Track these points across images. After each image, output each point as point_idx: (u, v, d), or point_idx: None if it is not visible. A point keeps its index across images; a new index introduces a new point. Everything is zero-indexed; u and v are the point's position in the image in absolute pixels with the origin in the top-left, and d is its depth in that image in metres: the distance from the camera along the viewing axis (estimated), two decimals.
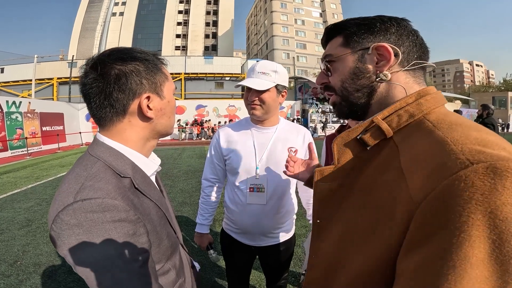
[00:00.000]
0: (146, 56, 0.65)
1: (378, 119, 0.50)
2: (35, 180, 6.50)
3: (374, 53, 0.54)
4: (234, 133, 1.30)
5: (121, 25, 45.18)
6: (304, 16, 51.04)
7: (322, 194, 0.58)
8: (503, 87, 41.89)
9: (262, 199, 1.23)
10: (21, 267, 2.55)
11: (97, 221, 0.51)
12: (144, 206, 0.61)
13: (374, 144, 0.51)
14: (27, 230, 3.45)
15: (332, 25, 0.61)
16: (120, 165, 0.60)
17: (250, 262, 1.41)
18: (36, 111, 13.11)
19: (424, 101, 0.49)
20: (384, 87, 0.54)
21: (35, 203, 4.61)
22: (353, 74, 0.56)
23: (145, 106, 0.63)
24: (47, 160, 10.02)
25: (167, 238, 0.66)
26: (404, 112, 0.49)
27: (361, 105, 0.57)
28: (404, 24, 0.55)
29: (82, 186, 0.53)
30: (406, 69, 0.54)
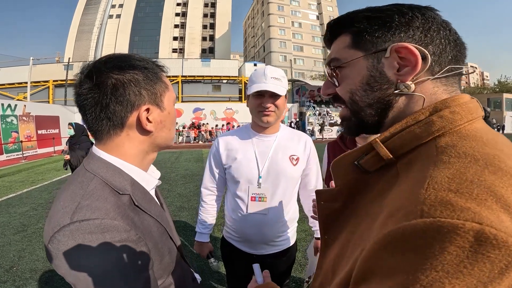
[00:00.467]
0: (146, 64, 0.61)
1: (377, 142, 0.40)
2: (31, 184, 6.42)
3: (393, 57, 0.41)
4: (234, 141, 1.27)
5: (118, 28, 45.11)
6: (301, 18, 51.34)
7: (326, 213, 0.52)
8: (497, 89, 42.34)
9: (264, 208, 1.21)
10: (17, 273, 2.52)
11: (96, 243, 0.48)
12: (145, 223, 0.58)
13: (374, 169, 0.42)
14: (22, 235, 3.40)
15: (335, 19, 0.48)
16: (119, 182, 0.57)
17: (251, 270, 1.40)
18: (32, 114, 13.00)
19: (437, 119, 0.37)
20: (403, 100, 0.43)
21: (30, 207, 4.56)
22: (366, 85, 0.44)
23: (145, 118, 0.59)
24: (42, 164, 9.93)
25: (168, 254, 0.64)
26: (406, 133, 0.39)
27: (372, 123, 0.46)
28: (431, 15, 0.42)
29: (78, 206, 0.50)
30: (437, 77, 0.41)
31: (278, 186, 1.21)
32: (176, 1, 48.09)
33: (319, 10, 52.99)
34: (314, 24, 52.41)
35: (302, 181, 1.35)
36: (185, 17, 47.86)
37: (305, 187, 1.37)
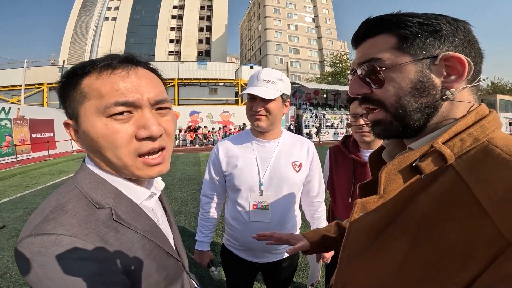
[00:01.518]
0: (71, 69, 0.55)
1: (440, 144, 0.43)
2: (24, 188, 6.33)
3: (441, 65, 0.44)
4: (234, 148, 1.23)
5: (114, 30, 45.00)
6: (297, 21, 51.71)
7: (361, 228, 0.51)
8: (491, 90, 42.93)
9: (266, 216, 1.17)
10: (11, 279, 2.47)
11: (51, 257, 0.45)
12: (122, 240, 0.53)
13: (430, 172, 0.44)
14: (16, 240, 3.33)
15: (378, 18, 0.48)
16: (100, 195, 0.54)
17: (252, 278, 1.37)
18: (26, 117, 12.85)
19: (487, 123, 0.43)
20: (446, 106, 0.45)
21: (24, 212, 4.48)
22: (415, 90, 0.45)
23: (71, 134, 0.56)
24: (36, 168, 9.80)
25: (157, 272, 0.58)
26: (467, 136, 0.42)
27: (417, 128, 0.47)
28: (469, 29, 0.46)
29: (44, 218, 0.48)
30: (473, 85, 0.45)
31: (281, 193, 1.18)
32: (173, 4, 48.18)
33: (315, 12, 53.45)
34: (310, 26, 52.81)
35: (305, 188, 1.31)
36: (182, 20, 47.91)
37: (307, 194, 1.34)
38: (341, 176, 1.45)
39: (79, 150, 16.07)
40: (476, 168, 0.40)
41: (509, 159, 0.39)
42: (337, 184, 1.49)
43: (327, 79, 34.22)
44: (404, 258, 0.43)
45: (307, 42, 51.55)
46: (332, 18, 54.45)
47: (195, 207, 4.54)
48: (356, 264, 0.51)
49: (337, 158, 1.50)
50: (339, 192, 1.48)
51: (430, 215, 0.42)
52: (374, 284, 0.47)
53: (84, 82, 0.52)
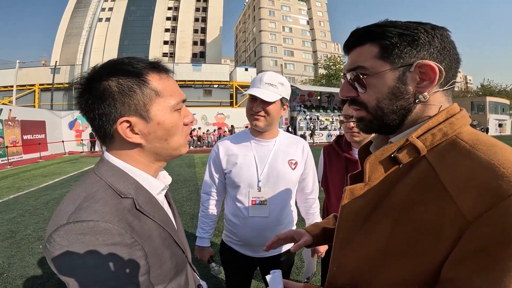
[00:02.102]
0: (129, 68, 0.57)
1: (414, 138, 0.49)
2: (17, 190, 6.26)
3: (416, 71, 0.49)
4: (234, 146, 1.29)
5: (107, 31, 44.56)
6: (292, 23, 52.03)
7: (349, 211, 0.58)
8: (480, 92, 43.82)
9: (264, 211, 1.23)
10: (8, 279, 2.47)
11: (88, 244, 0.49)
12: (144, 228, 0.58)
13: (406, 162, 0.50)
14: (11, 241, 3.33)
15: (364, 29, 0.54)
16: (122, 186, 0.57)
17: (251, 273, 1.41)
18: (17, 118, 12.67)
19: (455, 120, 0.49)
20: (419, 107, 0.52)
21: (18, 214, 4.45)
22: (392, 94, 0.51)
23: (125, 131, 0.57)
24: (28, 170, 9.67)
25: (170, 260, 0.63)
26: (437, 131, 0.49)
27: (394, 126, 0.54)
28: (446, 35, 0.50)
29: (78, 207, 0.51)
30: (444, 89, 0.51)
31: (278, 189, 1.24)
32: (168, 5, 47.98)
33: (309, 15, 53.88)
34: (305, 29, 53.21)
35: (300, 185, 1.38)
36: (176, 21, 47.74)
37: (302, 191, 1.40)
38: (335, 173, 1.51)
39: (71, 152, 15.88)
40: (444, 158, 0.47)
41: (471, 150, 0.45)
42: (331, 181, 1.55)
43: (321, 81, 34.48)
44: (387, 239, 0.49)
45: (302, 44, 51.90)
46: (326, 20, 54.97)
47: (191, 208, 4.57)
48: (348, 248, 0.58)
49: (330, 157, 1.56)
50: (333, 189, 1.54)
51: (408, 199, 0.48)
52: (363, 264, 0.54)
53: (151, 81, 0.58)
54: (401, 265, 0.48)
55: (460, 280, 0.42)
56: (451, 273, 0.43)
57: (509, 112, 39.40)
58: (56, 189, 6.33)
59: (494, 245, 0.39)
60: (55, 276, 2.46)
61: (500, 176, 0.40)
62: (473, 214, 0.41)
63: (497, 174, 0.40)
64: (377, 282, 0.52)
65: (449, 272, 0.43)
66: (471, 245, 0.41)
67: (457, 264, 0.43)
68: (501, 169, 0.41)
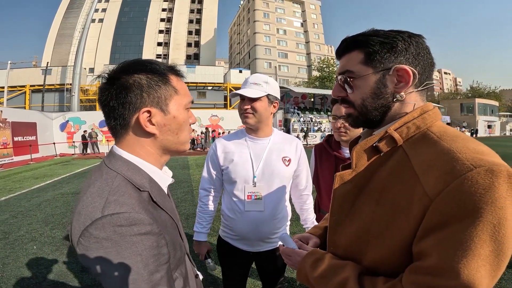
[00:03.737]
0: (155, 67, 0.63)
1: (391, 130, 0.58)
2: (8, 192, 6.19)
3: (394, 74, 0.58)
4: (231, 144, 1.36)
5: (100, 32, 44.12)
6: (286, 26, 52.37)
7: (340, 194, 0.66)
8: (470, 94, 44.64)
9: (260, 206, 1.30)
10: (3, 280, 2.47)
11: (125, 235, 0.51)
12: (162, 218, 0.61)
13: (386, 150, 0.59)
14: (4, 242, 3.32)
15: (352, 38, 0.63)
16: (139, 179, 0.61)
17: (247, 268, 1.46)
18: (8, 120, 12.47)
19: (427, 116, 0.58)
20: (397, 105, 0.60)
21: (10, 215, 4.42)
22: (373, 94, 0.60)
23: (145, 120, 0.61)
24: (19, 172, 9.54)
25: (179, 248, 0.66)
26: (412, 124, 0.58)
27: (376, 121, 0.63)
28: (421, 42, 0.59)
29: (107, 201, 0.53)
30: (418, 90, 0.60)
31: (272, 185, 1.31)
32: (162, 7, 47.81)
33: (303, 17, 54.32)
34: (299, 31, 53.62)
35: (293, 182, 1.45)
36: (170, 23, 47.57)
37: (296, 187, 1.47)
38: (325, 171, 1.59)
39: (62, 154, 15.67)
40: (416, 147, 0.56)
41: (437, 140, 0.53)
42: (322, 178, 1.63)
43: (314, 83, 34.69)
44: (370, 220, 0.58)
45: (295, 47, 52.28)
46: (320, 23, 55.50)
47: (186, 209, 4.61)
48: (340, 229, 0.66)
49: (321, 155, 1.64)
50: (324, 186, 1.62)
51: (387, 182, 0.56)
52: (353, 243, 0.62)
53: (172, 81, 0.66)
54: (380, 244, 0.55)
55: (423, 255, 0.48)
56: (416, 248, 0.50)
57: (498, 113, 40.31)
58: (48, 191, 6.27)
59: (449, 219, 0.46)
60: (50, 276, 2.50)
61: (455, 159, 0.48)
62: (434, 192, 0.47)
63: (453, 158, 0.48)
64: (364, 260, 0.59)
65: (415, 247, 0.50)
66: (432, 220, 0.47)
67: (420, 240, 0.49)
68: (457, 154, 0.48)
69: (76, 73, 21.26)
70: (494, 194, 0.44)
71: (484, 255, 0.44)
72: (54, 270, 2.65)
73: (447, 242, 0.46)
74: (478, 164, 0.46)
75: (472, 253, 0.44)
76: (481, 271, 0.44)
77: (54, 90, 23.23)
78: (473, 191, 0.45)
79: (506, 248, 0.45)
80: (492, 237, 0.44)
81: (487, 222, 0.44)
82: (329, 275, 0.62)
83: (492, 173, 0.45)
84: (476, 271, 0.44)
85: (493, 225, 0.44)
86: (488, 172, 0.45)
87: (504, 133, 38.19)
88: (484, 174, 0.45)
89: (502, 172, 0.45)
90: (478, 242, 0.44)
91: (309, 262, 0.69)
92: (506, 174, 0.45)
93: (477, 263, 0.44)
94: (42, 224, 3.97)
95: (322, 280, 0.63)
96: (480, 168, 0.45)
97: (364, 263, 0.60)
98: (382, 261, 0.56)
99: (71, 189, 6.39)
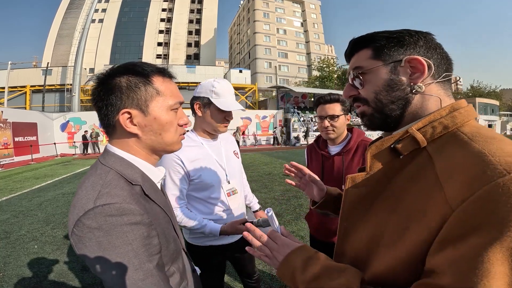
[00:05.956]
0: (138, 69, 0.65)
1: (413, 130, 0.52)
2: (9, 192, 6.24)
3: (406, 66, 0.54)
4: (192, 152, 1.28)
5: (100, 33, 44.16)
6: (286, 25, 52.29)
7: (352, 199, 0.61)
8: (470, 93, 44.51)
9: (238, 199, 1.40)
10: (5, 279, 2.51)
11: (116, 224, 0.53)
12: (153, 211, 0.64)
13: (407, 153, 0.52)
14: (6, 242, 3.36)
15: (358, 37, 0.61)
16: (131, 174, 0.64)
17: (223, 266, 1.46)
18: (9, 120, 12.52)
19: (458, 114, 0.51)
20: (418, 99, 0.55)
21: (11, 215, 4.46)
22: (387, 86, 0.56)
23: (125, 121, 0.63)
24: (20, 172, 9.58)
25: (173, 242, 0.68)
26: (438, 124, 0.51)
27: (395, 117, 0.57)
28: (430, 38, 0.56)
29: (100, 193, 0.56)
30: (438, 81, 0.55)
31: (238, 177, 1.45)
32: (162, 7, 47.83)
33: (303, 17, 54.24)
34: (299, 31, 53.56)
35: None
36: (170, 23, 47.58)
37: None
38: (315, 168, 1.66)
39: (63, 154, 15.73)
40: (442, 149, 0.49)
41: (468, 142, 0.46)
42: None
43: (314, 83, 34.67)
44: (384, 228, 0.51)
45: (296, 46, 52.22)
46: (320, 22, 55.43)
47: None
48: (352, 236, 0.60)
49: (311, 154, 1.72)
50: None
51: (404, 189, 0.50)
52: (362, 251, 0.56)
53: (155, 82, 0.66)
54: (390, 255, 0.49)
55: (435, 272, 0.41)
56: (428, 264, 0.43)
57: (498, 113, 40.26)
58: (49, 191, 6.32)
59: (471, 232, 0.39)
60: (51, 275, 2.53)
61: (486, 163, 0.41)
62: (456, 201, 0.41)
63: (484, 161, 0.41)
64: (368, 271, 0.53)
65: (427, 263, 0.43)
66: (450, 233, 0.41)
67: (434, 255, 0.42)
68: (489, 157, 0.41)
69: (76, 73, 21.31)
70: None
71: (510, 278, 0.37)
72: (55, 269, 2.68)
73: (466, 259, 0.39)
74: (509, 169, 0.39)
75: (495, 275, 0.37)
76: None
77: (54, 90, 23.29)
78: (503, 200, 0.37)
79: None
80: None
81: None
82: (324, 278, 0.53)
83: None
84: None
85: None
86: None
87: (504, 132, 38.14)
88: None
89: None
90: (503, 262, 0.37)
91: (299, 259, 0.58)
92: None
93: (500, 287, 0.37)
94: (43, 224, 4.01)
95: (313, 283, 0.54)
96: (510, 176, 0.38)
97: (367, 273, 0.53)
98: (387, 273, 0.50)
99: (72, 189, 6.42)
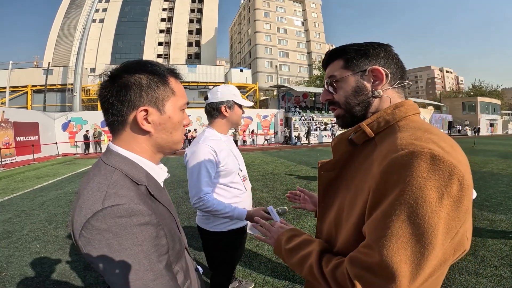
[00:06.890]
0: (156, 69, 0.66)
1: (364, 125, 0.66)
2: (11, 192, 6.24)
3: (370, 75, 0.68)
4: (218, 144, 1.51)
5: (101, 32, 44.16)
6: (287, 25, 52.20)
7: (324, 181, 0.75)
8: (472, 93, 44.41)
9: (249, 183, 1.69)
10: (7, 278, 2.50)
11: (125, 225, 0.53)
12: (159, 210, 0.63)
13: (361, 143, 0.66)
14: (8, 241, 3.35)
15: (333, 50, 0.74)
16: (136, 174, 0.63)
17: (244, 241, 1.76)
18: (10, 120, 12.54)
19: (398, 111, 0.64)
20: (377, 101, 0.69)
21: (13, 215, 4.46)
22: (355, 92, 0.69)
23: (141, 118, 0.64)
24: (21, 171, 9.60)
25: (178, 241, 0.68)
26: (382, 119, 0.65)
27: (360, 117, 0.70)
28: (389, 49, 0.70)
29: (107, 194, 0.55)
30: (393, 87, 0.68)
31: (244, 167, 1.70)
32: (162, 6, 47.77)
33: (304, 16, 54.14)
34: (299, 30, 53.46)
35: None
36: (171, 23, 47.53)
37: None
38: None
39: (64, 153, 15.75)
40: (384, 138, 0.62)
41: (397, 131, 0.60)
42: None
43: (315, 82, 34.65)
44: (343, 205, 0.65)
45: (296, 46, 52.12)
46: (321, 21, 55.31)
47: (187, 208, 4.62)
48: (326, 215, 0.74)
49: None
50: None
51: (358, 170, 0.64)
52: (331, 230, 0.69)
53: (171, 82, 0.69)
54: (346, 227, 0.61)
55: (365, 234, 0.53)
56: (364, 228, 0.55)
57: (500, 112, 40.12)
58: (50, 190, 6.32)
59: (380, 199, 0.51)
60: (53, 274, 2.53)
61: (395, 145, 0.54)
62: (376, 177, 0.53)
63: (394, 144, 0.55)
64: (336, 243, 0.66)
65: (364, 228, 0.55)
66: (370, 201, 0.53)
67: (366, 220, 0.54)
68: (398, 140, 0.55)
69: (77, 73, 21.35)
70: (412, 173, 0.47)
71: (404, 237, 0.46)
72: (57, 268, 2.67)
73: (374, 221, 0.50)
74: (406, 148, 0.51)
75: (391, 233, 0.47)
76: (400, 254, 0.46)
77: (55, 90, 23.34)
78: (392, 170, 0.49)
79: (429, 234, 0.45)
80: (409, 218, 0.46)
81: (404, 201, 0.46)
82: (298, 249, 0.69)
83: (412, 154, 0.49)
84: (394, 253, 0.46)
85: (410, 205, 0.46)
86: (410, 153, 0.49)
87: (506, 131, 38.00)
88: (405, 155, 0.49)
89: (424, 153, 0.48)
90: (396, 222, 0.47)
91: (285, 236, 0.75)
92: (429, 156, 0.47)
93: (396, 245, 0.46)
94: (45, 223, 4.00)
95: (291, 253, 0.70)
96: (406, 150, 0.50)
97: (335, 247, 0.66)
98: (344, 245, 0.62)
99: (74, 189, 6.43)
